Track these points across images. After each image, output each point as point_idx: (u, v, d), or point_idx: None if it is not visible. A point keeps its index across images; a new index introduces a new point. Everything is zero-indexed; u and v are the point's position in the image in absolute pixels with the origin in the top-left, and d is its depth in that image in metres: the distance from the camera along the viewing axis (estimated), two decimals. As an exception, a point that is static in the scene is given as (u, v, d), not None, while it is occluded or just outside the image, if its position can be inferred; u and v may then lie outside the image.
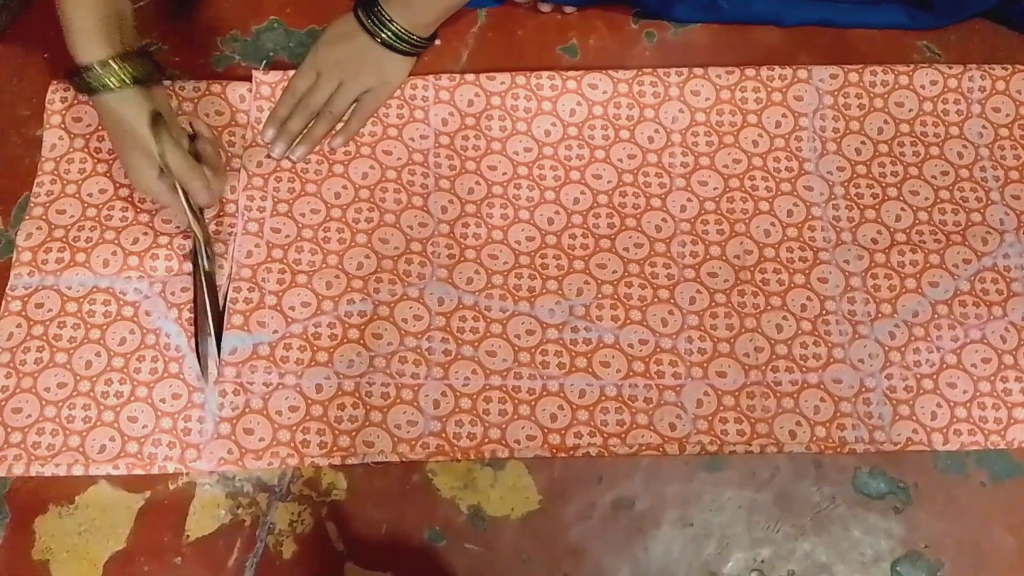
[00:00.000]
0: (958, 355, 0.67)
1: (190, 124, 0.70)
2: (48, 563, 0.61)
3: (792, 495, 0.63)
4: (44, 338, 0.66)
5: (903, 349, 0.67)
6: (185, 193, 0.64)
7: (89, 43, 0.61)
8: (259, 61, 0.77)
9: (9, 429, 0.63)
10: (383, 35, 0.70)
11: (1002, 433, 0.64)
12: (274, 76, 0.74)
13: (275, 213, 0.70)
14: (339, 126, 0.73)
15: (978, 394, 0.65)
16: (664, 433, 0.64)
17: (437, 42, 0.76)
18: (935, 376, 0.66)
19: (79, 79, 0.62)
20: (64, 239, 0.69)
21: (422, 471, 0.63)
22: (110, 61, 0.61)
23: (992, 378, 0.66)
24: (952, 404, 0.65)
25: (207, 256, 0.66)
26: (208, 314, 0.66)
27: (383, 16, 0.70)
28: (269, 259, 0.68)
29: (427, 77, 0.75)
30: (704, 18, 0.79)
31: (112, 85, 0.62)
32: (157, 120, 0.62)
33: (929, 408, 0.65)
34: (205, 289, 0.66)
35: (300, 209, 0.70)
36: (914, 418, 0.65)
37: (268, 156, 0.72)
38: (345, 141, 0.72)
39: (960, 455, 0.64)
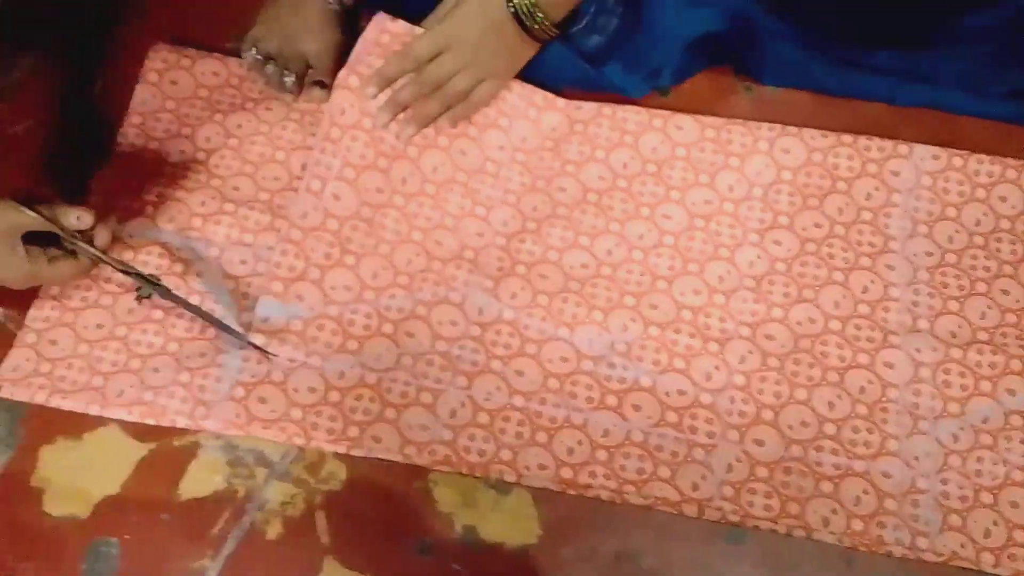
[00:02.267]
0: (1027, 473, 0.60)
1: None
2: (43, 492, 0.60)
3: (814, 588, 0.58)
4: (94, 277, 0.67)
5: (965, 455, 0.61)
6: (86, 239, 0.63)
7: None
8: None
9: (41, 358, 0.64)
10: (517, 4, 0.65)
11: (1065, 569, 0.57)
12: (401, 26, 0.70)
13: (340, 177, 0.67)
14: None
15: (1044, 520, 0.59)
16: (685, 491, 0.59)
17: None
18: (997, 491, 0.59)
19: None
20: (136, 190, 0.71)
21: (424, 479, 0.61)
22: None
23: (1063, 506, 0.59)
24: (1011, 525, 0.58)
25: (146, 282, 0.65)
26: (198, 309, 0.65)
27: None
28: (322, 228, 0.66)
29: (524, 85, 0.72)
30: (807, 86, 0.75)
31: None
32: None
33: (984, 524, 0.58)
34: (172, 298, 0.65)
35: (365, 183, 0.68)
36: (965, 531, 0.58)
37: (352, 106, 0.68)
38: (455, 122, 0.70)
39: (1012, 584, 0.58)
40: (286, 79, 0.72)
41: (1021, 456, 0.60)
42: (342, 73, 0.68)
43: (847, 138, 0.71)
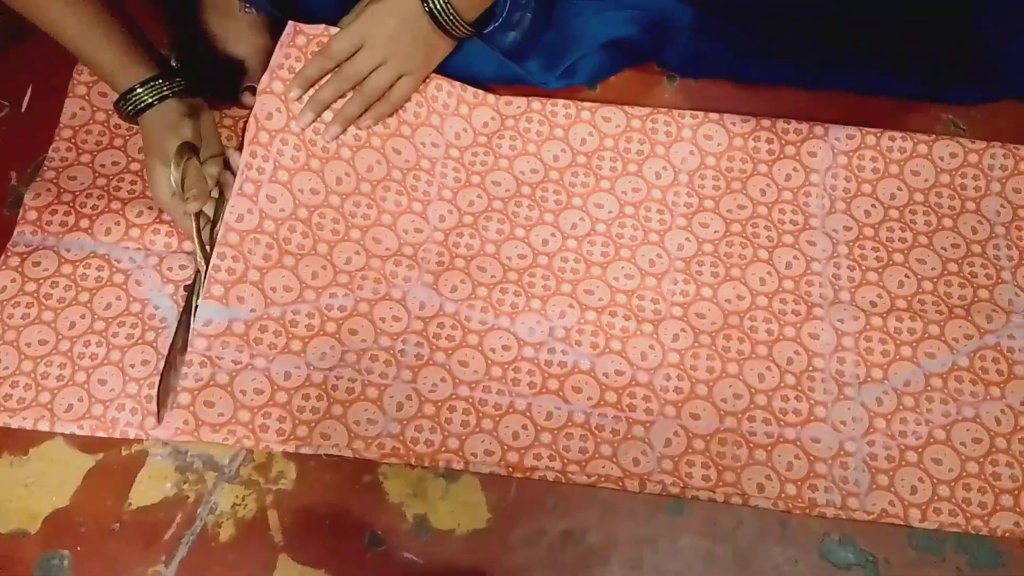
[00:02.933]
0: (947, 431, 0.63)
1: (225, 157, 0.69)
2: (-11, 509, 0.60)
3: (753, 552, 0.60)
4: (35, 295, 0.67)
5: (889, 417, 0.64)
6: (198, 220, 0.66)
7: (124, 70, 0.65)
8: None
9: (-15, 378, 0.64)
10: (432, 4, 0.67)
11: (985, 519, 0.60)
12: (314, 28, 0.70)
13: (274, 180, 0.67)
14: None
15: (964, 474, 0.62)
16: (626, 467, 0.62)
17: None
18: (920, 449, 0.63)
19: (123, 106, 0.65)
20: (71, 204, 0.71)
21: (374, 472, 0.62)
22: (150, 80, 0.65)
23: (981, 460, 0.62)
24: (935, 481, 0.62)
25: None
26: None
27: None
28: (259, 230, 0.66)
29: (453, 83, 0.74)
30: (728, 78, 0.78)
31: (153, 101, 0.65)
32: (184, 148, 0.64)
33: (910, 481, 0.62)
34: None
35: (300, 184, 0.68)
36: (892, 489, 0.61)
37: (279, 111, 0.68)
38: (373, 124, 0.71)
39: (939, 535, 0.61)
40: (219, 84, 0.72)
41: (942, 416, 0.64)
42: (264, 79, 0.68)
43: (766, 122, 0.74)
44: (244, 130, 0.73)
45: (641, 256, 0.70)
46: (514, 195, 0.72)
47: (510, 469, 0.62)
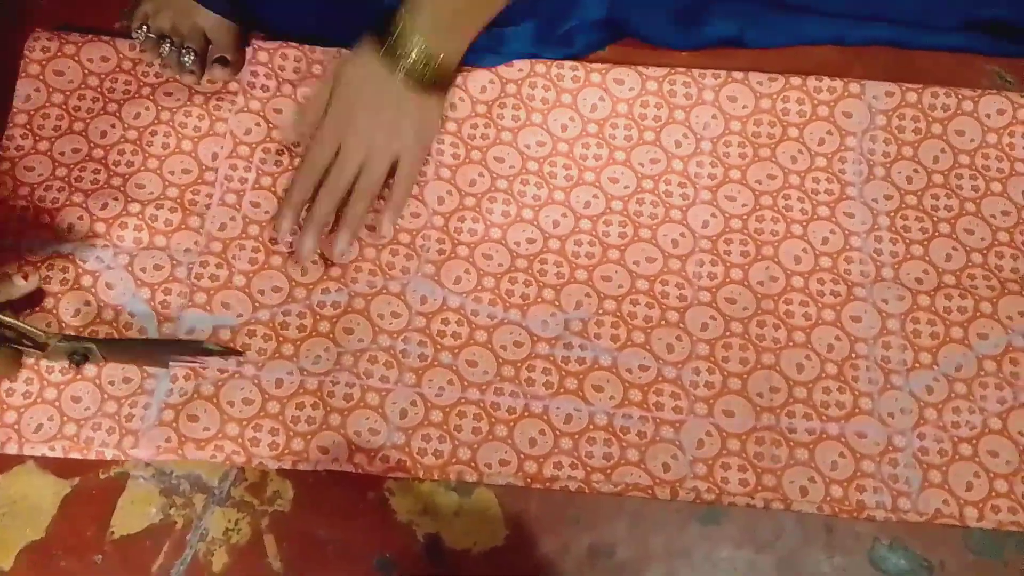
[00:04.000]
0: (1004, 420, 0.58)
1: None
2: (-43, 546, 0.55)
3: (797, 562, 0.55)
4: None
5: (941, 407, 0.58)
6: None
7: None
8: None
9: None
10: (407, 62, 0.59)
11: (1049, 515, 0.56)
12: (272, 44, 0.68)
13: (257, 186, 0.64)
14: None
15: (1024, 467, 0.57)
16: (656, 474, 0.56)
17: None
18: (975, 441, 0.57)
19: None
20: (31, 197, 0.64)
21: (379, 489, 0.56)
22: None
23: (1043, 450, 0.57)
24: (992, 475, 0.57)
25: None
26: None
27: (407, 38, 0.58)
28: (243, 235, 0.62)
29: None
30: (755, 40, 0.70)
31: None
32: None
33: (965, 477, 0.56)
34: None
35: (285, 184, 0.64)
36: (946, 487, 0.56)
37: (257, 125, 0.66)
38: (394, 218, 0.62)
39: (998, 536, 0.56)
40: (184, 58, 0.65)
41: (997, 403, 0.58)
42: (239, 100, 0.66)
43: (795, 80, 0.67)
44: (218, 106, 0.66)
45: (663, 236, 0.63)
46: (520, 172, 0.65)
47: (528, 480, 0.56)
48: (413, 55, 0.59)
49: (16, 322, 0.56)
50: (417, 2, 0.59)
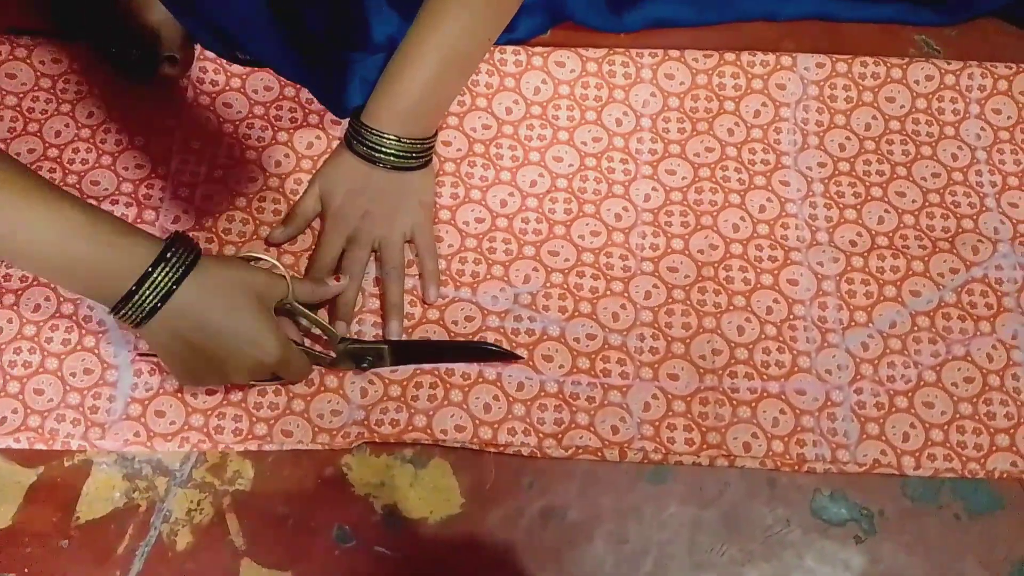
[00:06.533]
0: (938, 372, 0.60)
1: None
2: (-76, 538, 0.56)
3: (742, 515, 0.57)
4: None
5: (876, 362, 0.60)
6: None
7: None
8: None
9: (-94, 392, 0.59)
10: (387, 159, 0.61)
11: (982, 461, 0.58)
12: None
13: (209, 180, 0.66)
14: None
15: (957, 416, 0.59)
16: (605, 436, 0.58)
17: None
18: (910, 394, 0.60)
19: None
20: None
21: (336, 464, 0.58)
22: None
23: (974, 400, 0.59)
24: (927, 425, 0.59)
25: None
26: None
27: (378, 140, 0.60)
28: (197, 227, 0.64)
29: None
30: (688, 19, 0.72)
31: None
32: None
33: (901, 428, 0.59)
34: None
35: (237, 175, 0.66)
36: (883, 438, 0.58)
37: (208, 120, 0.67)
38: (438, 287, 0.62)
39: (934, 482, 0.58)
40: (134, 57, 0.67)
41: (931, 356, 0.61)
42: (189, 96, 0.67)
43: (729, 56, 0.70)
44: (170, 101, 0.68)
45: (606, 210, 0.65)
46: (466, 155, 0.67)
47: (483, 445, 0.58)
48: (391, 151, 0.60)
49: (322, 321, 0.59)
50: (377, 105, 0.60)
